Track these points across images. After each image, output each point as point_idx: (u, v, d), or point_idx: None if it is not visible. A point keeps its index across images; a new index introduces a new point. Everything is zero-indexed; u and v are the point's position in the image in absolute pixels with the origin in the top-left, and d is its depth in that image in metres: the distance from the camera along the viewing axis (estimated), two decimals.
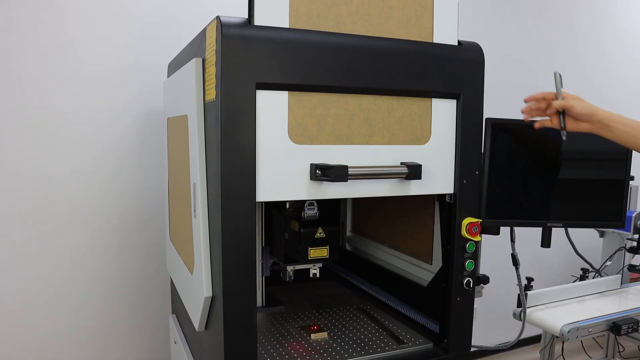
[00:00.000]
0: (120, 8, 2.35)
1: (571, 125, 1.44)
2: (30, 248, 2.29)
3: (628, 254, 2.65)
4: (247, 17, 1.35)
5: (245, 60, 1.30)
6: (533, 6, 3.54)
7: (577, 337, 2.06)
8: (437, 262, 1.74)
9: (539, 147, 1.71)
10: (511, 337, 2.07)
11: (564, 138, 1.44)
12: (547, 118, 1.48)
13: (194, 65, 1.47)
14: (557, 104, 1.43)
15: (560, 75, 1.46)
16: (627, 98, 4.03)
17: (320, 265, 1.85)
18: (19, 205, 2.25)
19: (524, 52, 3.54)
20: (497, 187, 1.68)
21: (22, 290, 2.29)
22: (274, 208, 1.94)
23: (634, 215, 2.54)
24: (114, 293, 2.48)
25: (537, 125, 1.51)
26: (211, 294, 1.46)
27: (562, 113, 1.44)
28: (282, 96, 1.37)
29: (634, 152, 1.81)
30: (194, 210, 1.53)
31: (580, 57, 3.80)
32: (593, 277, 2.66)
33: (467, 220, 1.59)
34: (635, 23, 4.05)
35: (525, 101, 1.51)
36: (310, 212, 1.77)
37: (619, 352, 3.17)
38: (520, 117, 1.57)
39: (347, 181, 1.40)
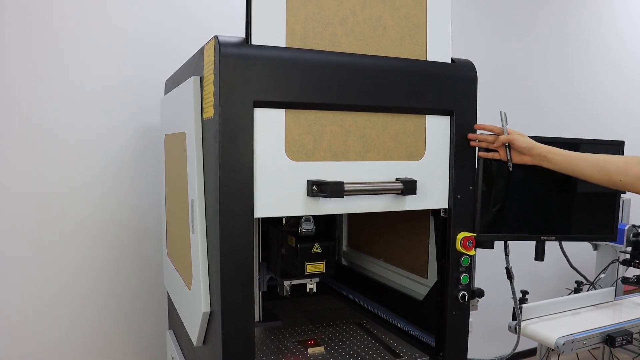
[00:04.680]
0: (116, 26, 2.38)
1: (516, 158, 1.62)
2: (28, 263, 2.29)
3: (621, 267, 2.67)
4: (244, 36, 1.37)
5: (243, 79, 1.33)
6: (524, 21, 3.60)
7: (572, 350, 2.07)
8: (433, 276, 1.76)
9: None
10: (507, 350, 2.08)
11: (510, 169, 1.63)
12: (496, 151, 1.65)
13: (192, 83, 1.50)
14: (502, 137, 1.60)
15: (505, 113, 1.65)
16: (610, 106, 4.09)
17: (317, 280, 1.86)
18: (16, 222, 2.26)
19: (515, 67, 3.59)
20: (491, 202, 1.70)
21: (19, 305, 2.29)
22: (271, 224, 1.95)
23: (626, 228, 2.56)
24: (111, 309, 2.48)
25: (482, 155, 1.67)
26: (209, 309, 1.47)
27: (508, 146, 1.62)
28: (279, 114, 1.39)
29: None
30: (192, 227, 1.54)
31: (569, 70, 3.86)
32: (587, 290, 2.67)
33: (461, 235, 1.61)
34: (621, 37, 4.12)
35: (475, 128, 1.64)
36: (307, 228, 1.79)
37: None
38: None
39: (343, 197, 1.42)
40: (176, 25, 2.50)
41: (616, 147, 1.84)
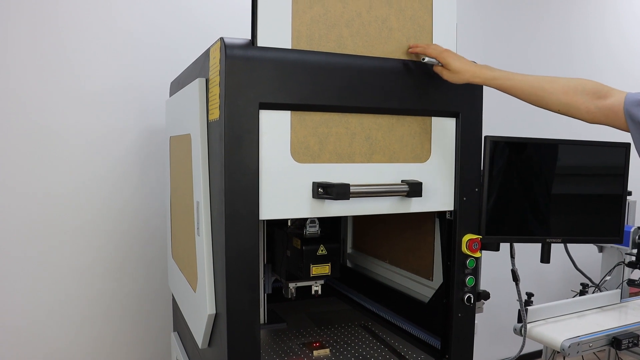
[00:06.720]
0: (121, 28, 2.38)
1: (449, 76, 1.49)
2: (32, 265, 2.29)
3: (627, 269, 2.66)
4: (250, 38, 1.37)
5: (249, 81, 1.33)
6: (528, 21, 3.60)
7: (577, 352, 2.07)
8: (438, 278, 1.76)
9: (538, 164, 1.73)
10: (512, 352, 2.08)
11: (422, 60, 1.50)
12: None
13: (197, 85, 1.50)
14: (437, 50, 1.47)
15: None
16: None
17: (322, 282, 1.85)
18: (21, 223, 2.26)
19: (520, 67, 3.57)
20: (496, 204, 1.70)
21: (23, 307, 2.29)
22: (276, 225, 1.95)
23: (632, 230, 2.56)
24: (115, 311, 2.48)
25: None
26: (215, 312, 1.47)
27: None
28: (285, 116, 1.39)
29: (631, 167, 1.84)
30: (198, 228, 1.54)
31: (574, 71, 3.85)
32: (593, 292, 2.67)
33: (467, 237, 1.61)
34: (625, 37, 4.12)
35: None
36: (312, 230, 1.79)
37: None
38: (518, 133, 1.60)
39: (348, 199, 1.41)
40: (182, 27, 2.50)
41: (622, 149, 1.83)
